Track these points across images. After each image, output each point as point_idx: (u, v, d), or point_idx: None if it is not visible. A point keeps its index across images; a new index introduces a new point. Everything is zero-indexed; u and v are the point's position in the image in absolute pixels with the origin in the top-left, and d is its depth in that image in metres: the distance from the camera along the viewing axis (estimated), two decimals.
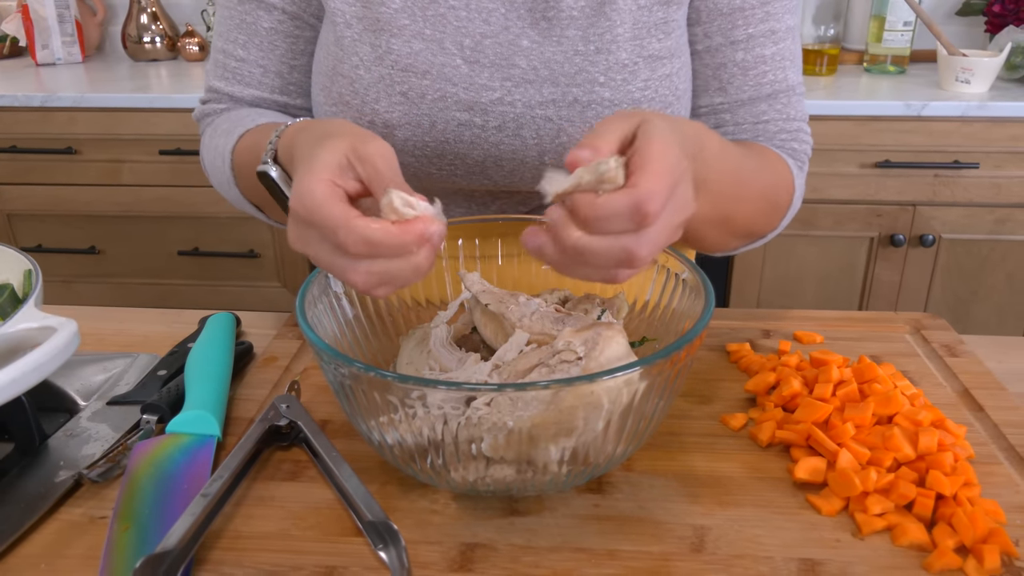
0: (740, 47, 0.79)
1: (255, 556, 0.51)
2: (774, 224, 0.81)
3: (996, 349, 0.77)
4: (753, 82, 0.80)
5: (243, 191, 0.78)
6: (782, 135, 0.81)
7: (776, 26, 0.79)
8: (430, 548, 0.52)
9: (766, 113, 0.81)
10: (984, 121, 1.73)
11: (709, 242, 0.77)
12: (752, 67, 0.79)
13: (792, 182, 0.79)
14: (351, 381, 0.49)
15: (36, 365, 0.50)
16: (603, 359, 0.50)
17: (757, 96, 0.80)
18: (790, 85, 0.81)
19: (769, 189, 0.77)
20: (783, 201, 0.79)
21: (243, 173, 0.75)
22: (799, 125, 0.83)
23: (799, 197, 0.82)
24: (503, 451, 0.49)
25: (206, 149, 0.83)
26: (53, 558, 0.53)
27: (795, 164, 0.81)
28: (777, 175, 0.78)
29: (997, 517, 0.54)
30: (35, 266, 0.64)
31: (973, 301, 1.91)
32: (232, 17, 0.81)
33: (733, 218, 0.73)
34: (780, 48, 0.79)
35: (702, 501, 0.56)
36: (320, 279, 0.60)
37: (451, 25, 0.75)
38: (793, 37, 0.81)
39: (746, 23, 0.78)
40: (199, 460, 0.58)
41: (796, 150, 0.82)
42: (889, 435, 0.58)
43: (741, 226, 0.76)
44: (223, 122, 0.80)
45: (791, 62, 0.81)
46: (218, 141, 0.78)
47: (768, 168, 0.77)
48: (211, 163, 0.81)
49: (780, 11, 0.79)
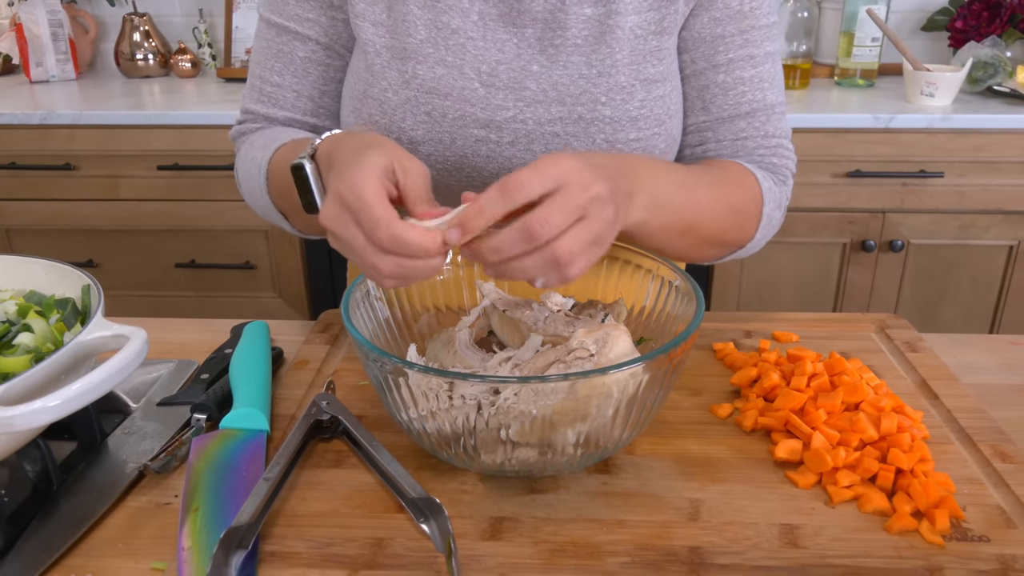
0: (721, 70, 0.86)
1: (312, 531, 0.59)
2: (747, 232, 0.85)
3: (951, 346, 0.86)
4: (733, 101, 0.86)
5: (273, 198, 0.84)
6: (760, 151, 0.87)
7: (755, 51, 0.86)
8: (463, 521, 0.60)
9: (744, 130, 0.87)
10: (948, 132, 1.81)
11: (684, 251, 0.81)
12: (732, 87, 0.86)
13: (759, 192, 0.84)
14: (397, 376, 0.57)
15: (119, 368, 0.57)
16: (612, 355, 0.58)
17: (736, 114, 0.87)
18: (769, 104, 0.87)
19: (730, 197, 0.81)
20: (749, 209, 0.83)
21: (276, 180, 0.82)
22: (779, 141, 0.88)
23: (776, 207, 0.87)
24: (528, 436, 0.57)
25: (241, 162, 0.90)
26: (128, 539, 0.60)
27: (772, 177, 0.87)
28: (739, 185, 0.82)
29: (948, 487, 0.62)
30: (94, 281, 0.71)
31: (940, 303, 1.99)
32: (269, 47, 0.89)
33: (698, 226, 0.78)
34: (759, 71, 0.86)
35: (696, 478, 0.65)
36: (358, 293, 0.68)
37: (469, 53, 0.83)
38: (773, 61, 0.87)
39: (726, 49, 0.86)
40: (253, 451, 0.66)
41: (776, 164, 0.88)
42: (856, 419, 0.66)
43: (710, 234, 0.81)
44: (259, 138, 0.87)
45: (770, 84, 0.87)
46: (255, 154, 0.85)
47: (727, 179, 0.82)
48: (246, 173, 0.88)
49: (759, 39, 0.86)
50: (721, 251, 0.87)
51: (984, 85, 1.99)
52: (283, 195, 0.82)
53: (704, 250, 0.84)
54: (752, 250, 0.89)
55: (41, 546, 0.58)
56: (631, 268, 0.75)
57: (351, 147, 0.63)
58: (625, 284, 0.76)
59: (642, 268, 0.74)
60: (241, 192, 0.93)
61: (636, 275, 0.75)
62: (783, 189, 0.88)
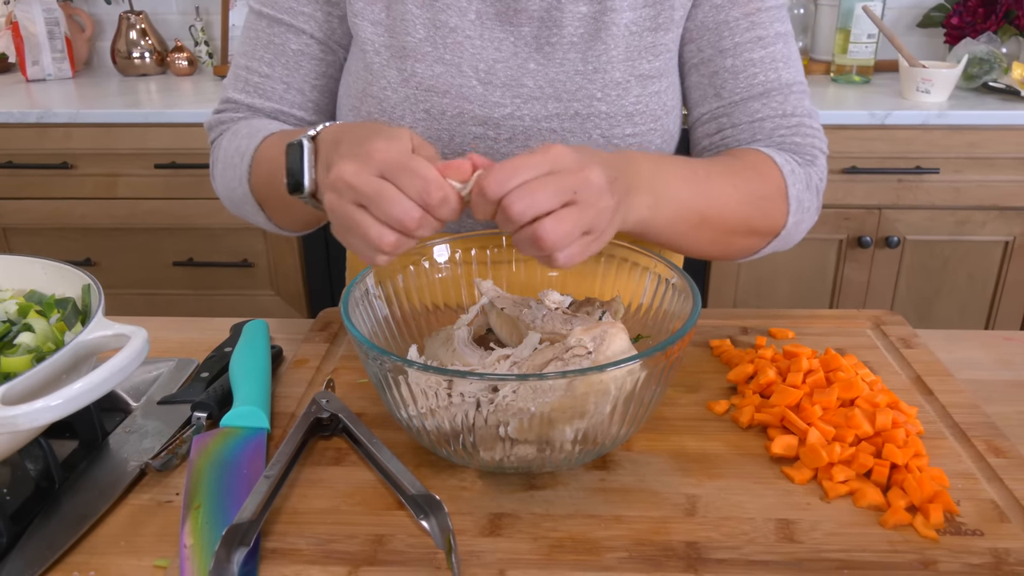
0: (729, 55, 0.85)
1: (313, 528, 0.59)
2: (777, 218, 0.82)
3: (946, 342, 0.87)
4: (744, 84, 0.85)
5: (253, 187, 0.82)
6: (780, 131, 0.84)
7: (763, 33, 0.85)
8: (463, 518, 0.60)
9: (760, 111, 0.85)
10: (944, 129, 1.82)
11: (708, 246, 0.80)
12: (742, 70, 0.85)
13: (779, 174, 0.81)
14: (396, 374, 0.57)
15: (120, 367, 0.57)
16: (609, 352, 0.59)
17: (749, 96, 0.85)
18: (784, 83, 0.85)
19: (747, 183, 0.79)
20: (771, 193, 0.80)
21: (260, 169, 0.80)
22: (799, 120, 0.85)
23: (805, 188, 0.83)
24: (526, 433, 0.57)
25: (222, 150, 0.88)
26: (131, 537, 0.60)
27: (795, 158, 0.84)
28: (755, 170, 0.80)
29: (942, 482, 0.63)
30: (94, 281, 0.71)
31: (936, 298, 2.00)
32: (260, 38, 0.89)
33: (713, 218, 0.76)
34: (769, 51, 0.85)
35: (693, 474, 0.65)
36: (357, 291, 0.68)
37: (467, 52, 0.84)
38: (785, 41, 0.86)
39: (731, 34, 0.85)
40: (254, 449, 0.66)
41: (800, 144, 0.85)
42: (851, 415, 0.67)
43: (731, 225, 0.79)
44: (244, 127, 0.86)
45: (784, 63, 0.85)
46: (239, 142, 0.84)
47: (742, 166, 0.80)
48: (226, 162, 0.86)
49: (767, 20, 0.85)
50: (754, 241, 0.84)
51: (980, 81, 2.00)
52: (266, 184, 0.81)
53: (733, 242, 0.82)
54: (791, 239, 0.87)
55: (44, 544, 0.58)
56: (628, 265, 0.76)
57: (363, 130, 0.63)
58: (622, 281, 0.76)
59: (639, 265, 0.75)
60: (214, 184, 0.92)
61: (633, 272, 0.75)
62: (811, 169, 0.85)
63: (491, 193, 0.55)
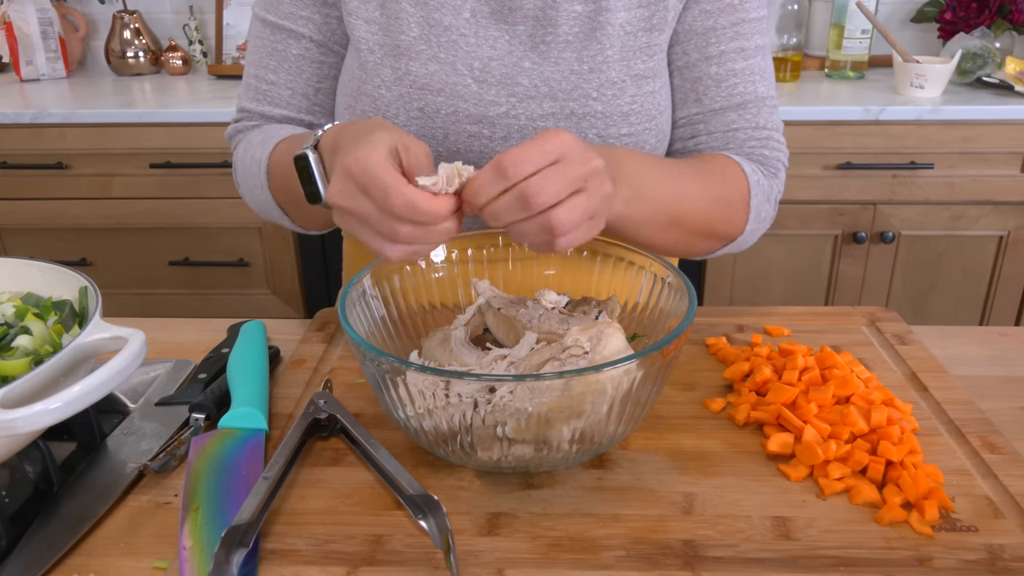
0: (714, 62, 0.87)
1: (311, 528, 0.60)
2: (736, 224, 0.85)
3: (940, 338, 0.87)
4: (725, 93, 0.87)
5: (274, 193, 0.85)
6: (751, 143, 0.88)
7: (745, 44, 0.87)
8: (461, 517, 0.60)
9: (735, 122, 0.88)
10: (938, 124, 1.82)
11: (674, 245, 0.82)
12: (724, 79, 0.87)
13: (745, 183, 0.84)
14: (394, 375, 0.57)
15: (119, 370, 0.57)
16: (606, 352, 0.59)
17: (728, 106, 0.87)
18: (759, 96, 0.88)
19: (716, 188, 0.82)
20: (736, 200, 0.84)
21: (276, 174, 0.82)
22: (769, 133, 0.89)
23: (766, 200, 0.87)
24: (524, 433, 0.58)
25: (240, 159, 0.90)
26: (130, 538, 0.60)
27: (761, 169, 0.88)
28: (724, 176, 0.83)
29: (937, 479, 0.63)
30: (92, 283, 0.71)
31: (931, 293, 2.01)
32: (264, 45, 0.90)
33: (683, 219, 0.79)
34: (750, 64, 0.87)
35: (689, 472, 0.65)
36: (354, 292, 0.68)
37: (462, 50, 0.84)
38: (763, 55, 0.88)
39: (718, 41, 0.86)
40: (252, 450, 0.67)
41: (767, 156, 0.88)
42: (846, 412, 0.67)
43: (697, 226, 0.81)
44: (256, 135, 0.88)
45: (760, 76, 0.88)
46: (254, 151, 0.86)
47: (713, 170, 0.83)
48: (245, 171, 0.89)
49: (749, 32, 0.87)
50: (712, 244, 0.87)
51: (973, 76, 2.01)
52: (283, 189, 0.83)
53: (694, 243, 0.85)
54: (744, 244, 0.90)
55: (43, 545, 0.58)
56: (624, 264, 0.76)
57: (354, 132, 0.64)
58: (618, 281, 0.77)
59: (635, 265, 0.75)
60: (240, 191, 0.94)
61: (629, 271, 0.76)
62: (773, 182, 0.89)
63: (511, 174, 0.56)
